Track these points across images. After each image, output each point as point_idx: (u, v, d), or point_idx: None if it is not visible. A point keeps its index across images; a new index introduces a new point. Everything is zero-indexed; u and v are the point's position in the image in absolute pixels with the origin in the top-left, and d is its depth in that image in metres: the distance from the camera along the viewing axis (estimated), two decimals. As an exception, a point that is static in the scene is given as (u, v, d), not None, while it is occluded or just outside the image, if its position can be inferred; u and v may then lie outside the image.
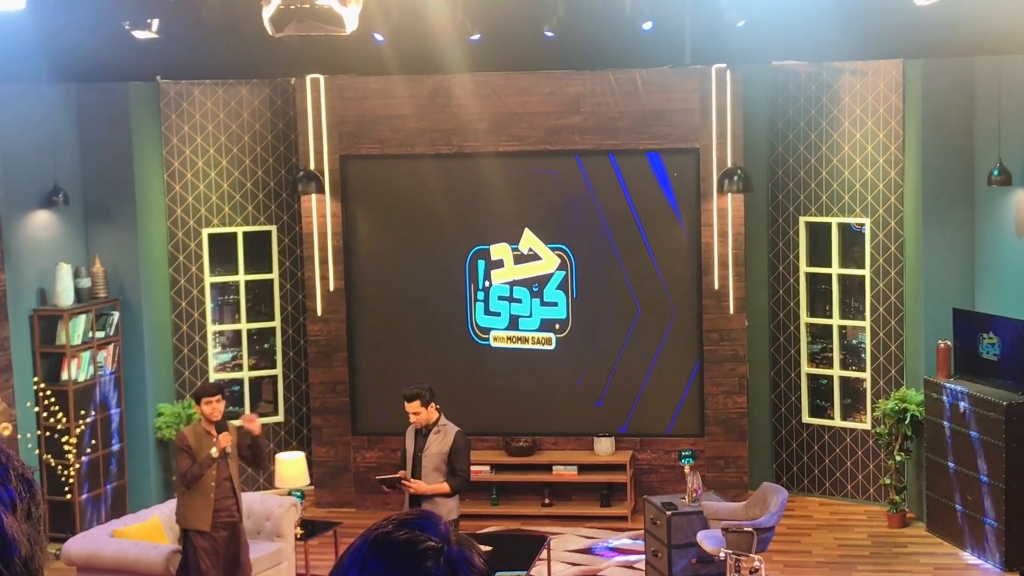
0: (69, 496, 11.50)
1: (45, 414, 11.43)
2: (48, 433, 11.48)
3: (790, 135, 12.45)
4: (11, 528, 1.08)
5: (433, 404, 9.14)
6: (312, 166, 12.44)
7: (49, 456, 11.46)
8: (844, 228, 12.32)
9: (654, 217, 12.27)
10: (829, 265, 12.40)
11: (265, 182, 12.92)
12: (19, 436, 11.09)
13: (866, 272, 12.15)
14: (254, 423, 9.08)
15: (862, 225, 12.16)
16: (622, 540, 11.56)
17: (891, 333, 12.03)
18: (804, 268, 12.52)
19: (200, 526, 8.81)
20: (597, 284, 12.45)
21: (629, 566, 10.90)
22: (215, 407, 8.88)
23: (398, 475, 9.14)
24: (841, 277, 12.37)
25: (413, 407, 9.07)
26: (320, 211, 12.52)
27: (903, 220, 11.86)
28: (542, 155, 12.34)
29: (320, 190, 12.42)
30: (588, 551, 11.33)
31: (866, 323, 12.20)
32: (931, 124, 11.49)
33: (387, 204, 12.64)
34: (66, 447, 11.43)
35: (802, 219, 12.46)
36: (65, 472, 11.44)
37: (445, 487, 8.97)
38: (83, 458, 11.58)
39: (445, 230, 12.57)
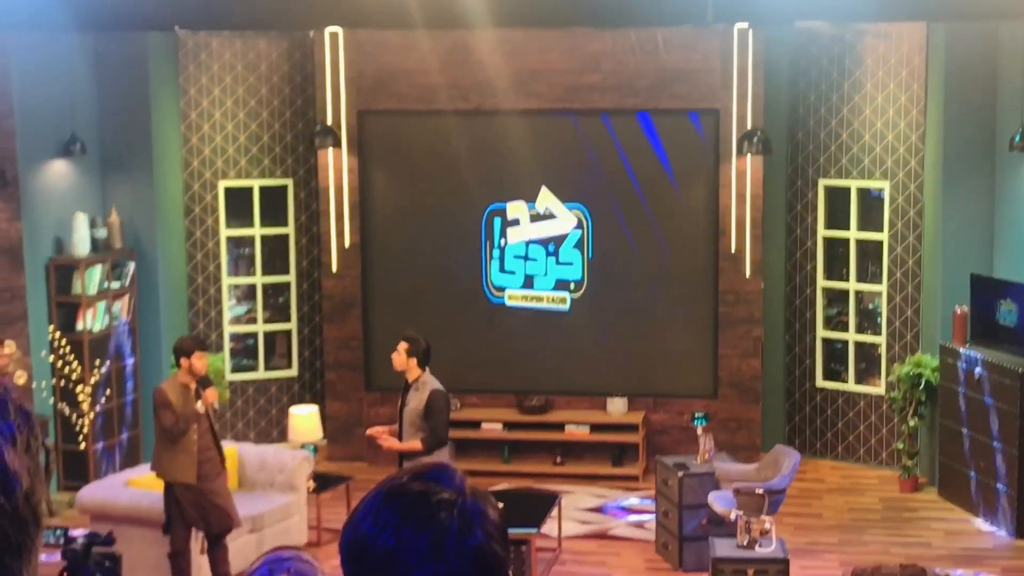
0: (83, 446, 11.54)
1: (60, 363, 11.45)
2: (63, 382, 11.51)
3: (811, 97, 12.36)
4: (12, 462, 1.08)
5: (416, 359, 8.96)
6: (329, 121, 12.39)
7: (64, 405, 11.49)
8: (863, 192, 12.25)
9: (671, 178, 12.21)
10: (847, 229, 12.34)
11: (282, 136, 12.88)
12: (34, 385, 11.12)
13: (884, 236, 12.08)
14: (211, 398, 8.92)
15: (881, 190, 12.08)
16: (633, 500, 11.57)
17: (908, 298, 11.97)
18: (822, 232, 12.46)
19: (184, 479, 8.76)
20: (613, 244, 12.41)
21: (639, 525, 10.91)
22: (205, 362, 8.84)
23: (375, 430, 9.09)
24: (859, 241, 12.30)
25: (400, 348, 8.95)
26: (337, 166, 12.49)
27: (923, 184, 11.78)
28: (561, 113, 12.27)
29: (337, 145, 12.39)
30: (599, 510, 11.35)
31: (883, 287, 12.15)
32: (954, 88, 11.38)
33: (404, 160, 12.59)
34: (81, 397, 11.46)
35: (821, 182, 12.39)
36: (80, 421, 11.48)
37: (417, 445, 8.81)
38: (97, 408, 11.62)
39: (462, 187, 12.53)
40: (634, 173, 12.25)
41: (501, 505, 1.89)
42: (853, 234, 12.31)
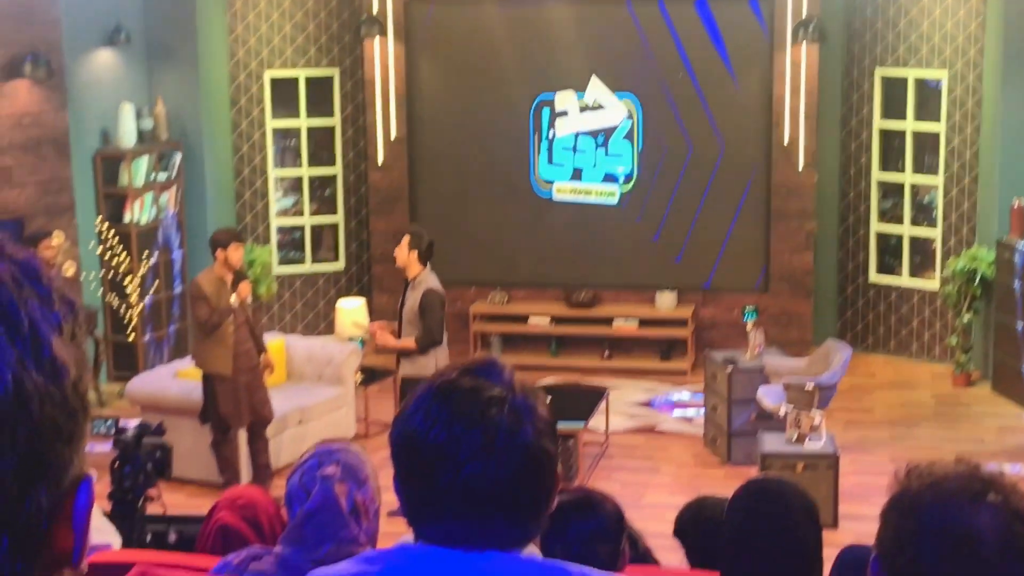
0: (132, 337, 11.58)
1: (108, 255, 11.45)
2: (111, 274, 11.52)
3: (868, -16, 12.04)
4: (60, 351, 1.07)
5: (417, 254, 8.79)
6: (376, 10, 12.20)
7: (112, 297, 11.52)
8: (920, 82, 11.96)
9: (724, 68, 11.97)
10: (904, 120, 12.07)
11: (328, 25, 12.70)
12: (82, 276, 11.14)
13: (941, 128, 11.82)
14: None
15: (939, 80, 11.79)
16: (681, 394, 11.52)
17: (964, 191, 11.74)
18: (877, 123, 12.20)
19: (221, 370, 8.78)
20: (663, 136, 12.21)
21: (688, 420, 10.87)
22: (241, 254, 8.80)
23: (375, 326, 9.01)
24: (915, 132, 12.04)
25: (402, 242, 8.83)
26: (383, 56, 12.32)
27: (982, 74, 11.49)
28: (613, 1, 12.01)
29: (383, 34, 12.21)
30: (647, 404, 11.30)
31: (939, 180, 11.91)
32: (1017, -26, 11.04)
33: (451, 50, 12.41)
34: (129, 288, 11.47)
35: (877, 72, 12.10)
36: (128, 313, 11.50)
37: (410, 343, 8.71)
38: (146, 299, 11.63)
39: (509, 77, 12.34)
40: (690, 62, 12.00)
41: (549, 400, 1.86)
42: (909, 125, 12.05)
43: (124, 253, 11.43)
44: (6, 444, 1.02)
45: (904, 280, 12.27)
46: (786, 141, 11.88)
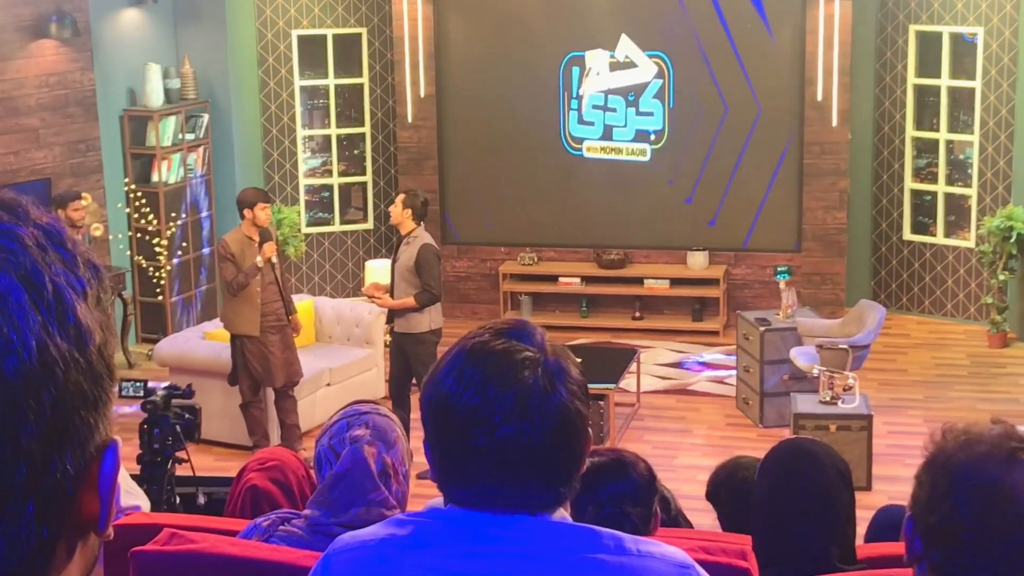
0: (161, 298, 11.57)
1: (136, 216, 11.43)
2: (139, 235, 11.50)
3: (903, -62, 11.85)
4: (84, 316, 1.06)
5: (412, 212, 8.74)
6: (403, -34, 12.09)
7: (140, 258, 11.50)
8: (955, 38, 11.78)
9: (756, 24, 11.82)
10: (938, 76, 11.90)
11: (355, -17, 12.59)
12: (110, 237, 11.13)
13: (977, 84, 11.64)
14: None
15: (975, 35, 11.61)
16: (713, 355, 11.44)
17: (1000, 148, 11.57)
18: (912, 79, 12.03)
19: (249, 331, 8.75)
20: (694, 94, 12.08)
21: (720, 381, 10.79)
22: (268, 214, 8.76)
23: (370, 289, 8.96)
24: (950, 89, 11.87)
25: (397, 200, 8.82)
26: (411, 14, 12.21)
27: (1018, 30, 11.30)
28: (641, -43, 11.87)
29: (411, -8, 12.09)
30: (678, 365, 11.23)
31: (975, 137, 11.75)
32: (1056, -73, 10.84)
33: (480, 7, 12.29)
34: (157, 249, 11.45)
35: (912, 27, 11.93)
36: (156, 274, 11.49)
37: (410, 302, 8.69)
38: (174, 260, 11.61)
39: (539, 35, 12.22)
40: (716, 19, 11.86)
41: (578, 361, 1.86)
42: (944, 82, 11.87)
43: (152, 214, 11.41)
44: (30, 410, 1.02)
45: (939, 239, 12.12)
46: (819, 97, 11.73)
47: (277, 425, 9.14)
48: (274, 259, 8.78)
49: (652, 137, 12.23)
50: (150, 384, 6.18)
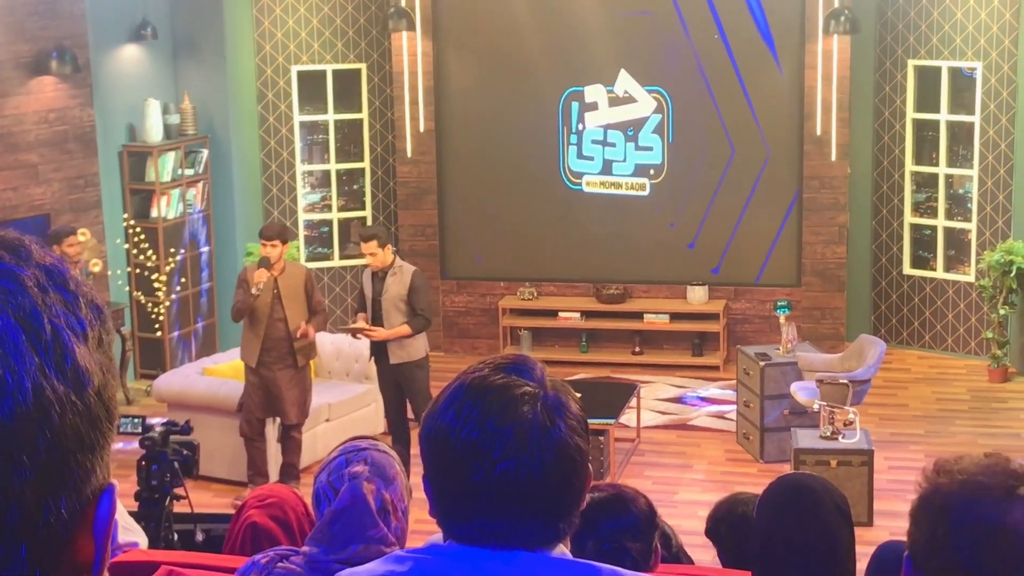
0: (159, 334, 11.55)
1: (135, 251, 11.43)
2: (138, 270, 11.49)
3: (901, -26, 11.89)
4: (83, 358, 1.05)
5: (390, 246, 8.87)
6: (403, 2, 12.13)
7: (139, 293, 11.49)
8: (954, 72, 11.81)
9: (754, 59, 11.85)
10: (937, 111, 11.92)
11: (355, 18, 12.63)
12: (109, 273, 11.11)
13: (976, 119, 11.67)
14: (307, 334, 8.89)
15: (973, 69, 11.64)
16: (713, 390, 11.41)
17: (1000, 182, 11.58)
18: (911, 114, 12.05)
19: (248, 360, 8.78)
20: (694, 128, 12.10)
21: (720, 416, 10.75)
22: (271, 250, 8.74)
23: (358, 322, 8.90)
24: (949, 123, 11.89)
25: (369, 247, 8.77)
26: (411, 49, 12.24)
27: (1016, 65, 11.33)
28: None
29: (411, 27, 12.13)
30: (678, 400, 11.20)
31: (974, 172, 11.76)
32: (1053, -38, 10.88)
33: (479, 43, 12.32)
34: (156, 284, 11.44)
35: (911, 62, 11.96)
36: (155, 310, 11.47)
37: (406, 329, 8.73)
38: (173, 296, 11.60)
39: (538, 70, 12.25)
40: (714, 54, 11.88)
41: (578, 396, 1.86)
42: (943, 116, 11.90)
43: (151, 250, 11.40)
44: (25, 453, 1.01)
45: (939, 273, 12.12)
46: (819, 132, 11.75)
47: (278, 462, 9.11)
48: (259, 290, 8.67)
49: (652, 171, 12.24)
50: (148, 420, 6.14)
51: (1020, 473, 1.90)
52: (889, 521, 8.20)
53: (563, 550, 1.81)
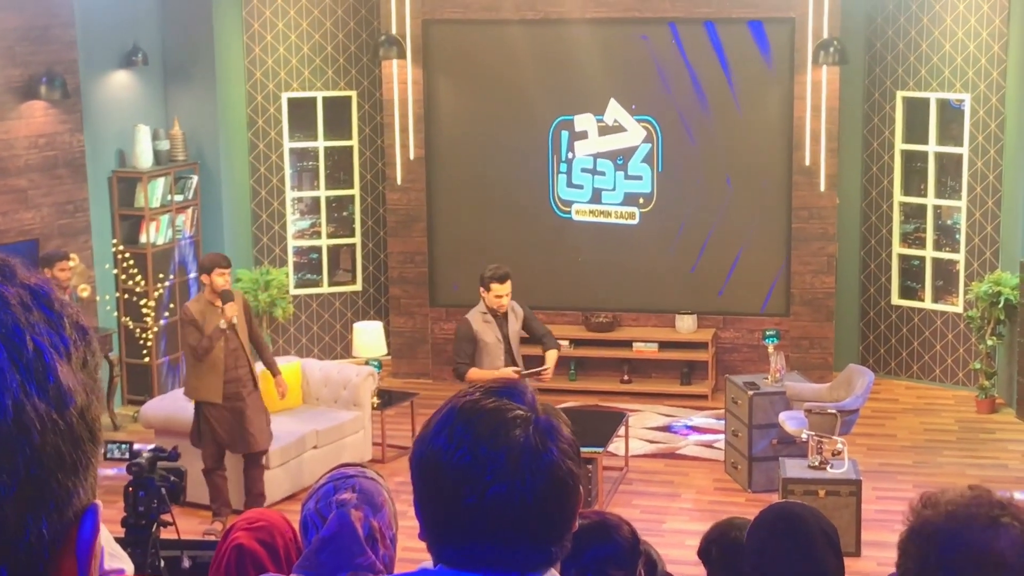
0: (147, 359, 11.52)
1: (124, 276, 11.40)
2: (127, 296, 11.46)
3: (890, 5, 11.95)
4: (66, 377, 1.03)
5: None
6: (394, 30, 12.16)
7: (127, 319, 11.46)
8: (943, 104, 11.86)
9: (744, 89, 11.89)
10: (926, 142, 11.97)
11: (346, 46, 12.66)
12: (97, 298, 11.09)
13: (964, 150, 11.71)
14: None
15: (961, 101, 11.69)
16: (701, 419, 11.40)
17: (988, 214, 11.62)
18: (900, 145, 12.10)
19: (211, 398, 8.62)
20: (683, 158, 12.13)
21: (708, 445, 10.74)
22: (226, 278, 8.67)
23: (523, 371, 8.82)
24: (938, 155, 11.94)
25: (507, 287, 8.73)
26: (401, 77, 12.27)
27: (1005, 97, 11.38)
28: (630, 22, 11.95)
29: (401, 55, 12.16)
30: (667, 429, 11.18)
31: (962, 203, 11.79)
32: (1041, -5, 10.94)
33: (469, 71, 12.35)
34: (144, 310, 11.42)
35: (899, 94, 12.01)
36: (143, 335, 11.44)
37: (555, 357, 9.14)
38: (161, 321, 11.57)
39: (528, 99, 12.28)
40: (704, 84, 11.93)
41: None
42: (932, 148, 11.94)
43: (139, 275, 11.38)
44: (5, 472, 0.99)
45: (927, 304, 12.14)
46: (807, 163, 11.79)
47: (242, 493, 9.02)
48: (236, 323, 8.65)
49: (641, 200, 12.26)
50: (135, 446, 6.11)
51: (1003, 503, 1.96)
52: (877, 551, 8.19)
53: (554, 574, 1.80)
